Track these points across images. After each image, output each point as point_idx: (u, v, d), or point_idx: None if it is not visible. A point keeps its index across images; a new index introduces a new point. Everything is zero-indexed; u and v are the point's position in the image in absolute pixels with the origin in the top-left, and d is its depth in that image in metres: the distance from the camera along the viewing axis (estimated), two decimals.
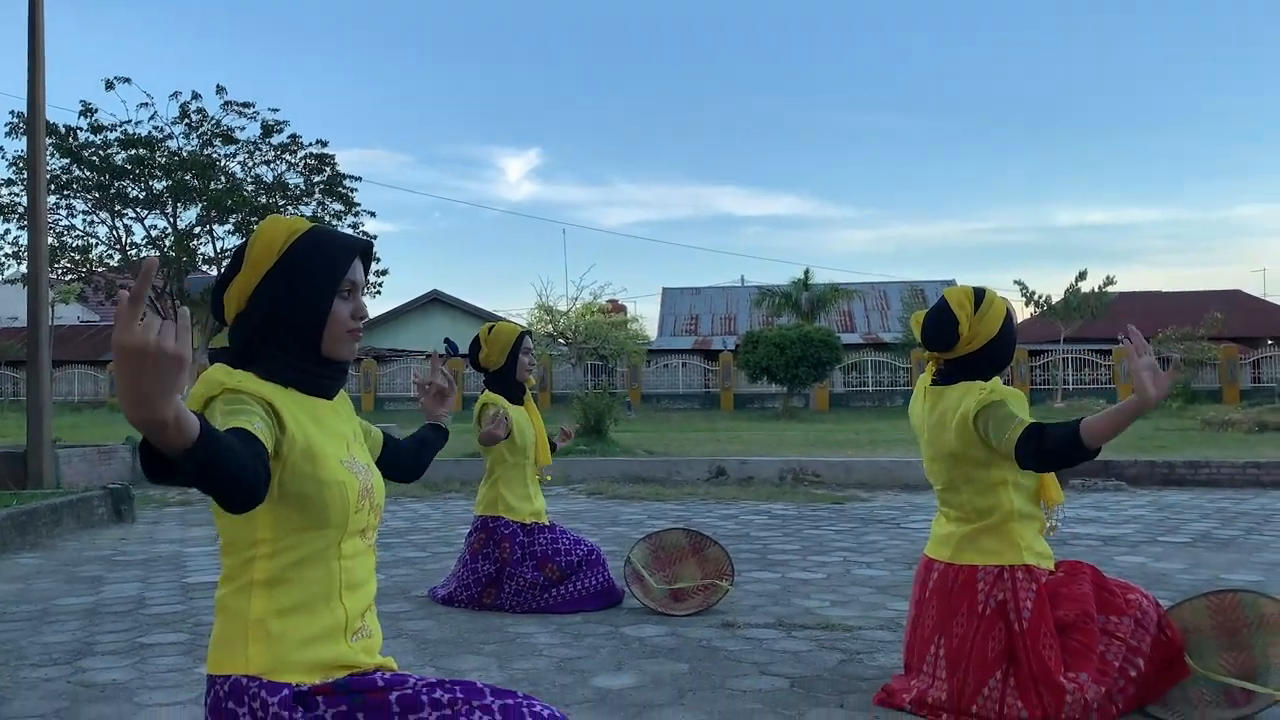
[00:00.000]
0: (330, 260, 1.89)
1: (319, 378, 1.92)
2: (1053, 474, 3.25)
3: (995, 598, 3.10)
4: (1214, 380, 29.61)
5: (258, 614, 1.79)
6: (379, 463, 2.23)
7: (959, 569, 3.19)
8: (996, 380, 3.17)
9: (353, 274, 1.92)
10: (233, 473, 1.50)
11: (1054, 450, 2.86)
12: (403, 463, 2.34)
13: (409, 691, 1.79)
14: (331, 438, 1.89)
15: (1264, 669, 3.13)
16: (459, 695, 1.80)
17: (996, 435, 3.02)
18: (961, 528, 3.23)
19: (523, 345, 4.99)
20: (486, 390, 4.99)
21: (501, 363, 4.95)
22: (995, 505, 3.16)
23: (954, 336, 3.21)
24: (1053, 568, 3.23)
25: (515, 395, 4.98)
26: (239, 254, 1.91)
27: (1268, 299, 41.41)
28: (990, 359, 3.21)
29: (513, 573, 4.77)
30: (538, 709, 1.80)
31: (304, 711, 1.75)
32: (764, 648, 4.05)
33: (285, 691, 1.75)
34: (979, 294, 3.25)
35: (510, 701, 1.80)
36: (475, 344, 5.02)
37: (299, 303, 1.86)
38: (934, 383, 3.32)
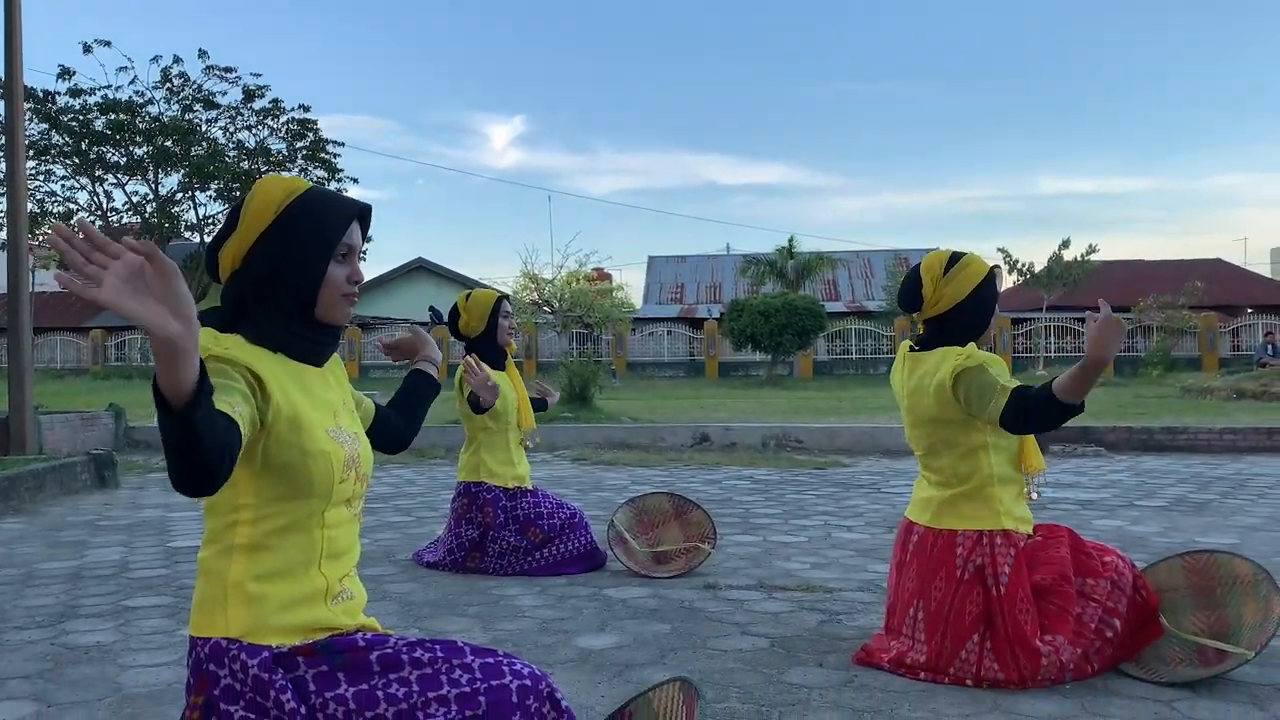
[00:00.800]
0: (328, 223, 1.86)
1: (311, 342, 1.90)
2: (1034, 439, 3.29)
3: (974, 562, 3.15)
4: (1194, 348, 29.83)
5: (237, 577, 1.79)
6: (369, 434, 2.22)
7: (938, 533, 3.23)
8: (972, 345, 3.19)
9: (349, 237, 1.89)
10: (203, 448, 1.44)
11: (1038, 412, 2.90)
12: (394, 427, 2.30)
13: (390, 651, 1.81)
14: (318, 406, 1.88)
15: (1236, 628, 3.19)
16: (440, 654, 1.82)
17: (980, 403, 3.05)
18: (942, 492, 3.27)
19: (501, 309, 4.99)
20: (467, 357, 4.99)
21: (481, 328, 4.95)
22: (975, 470, 3.20)
23: (917, 298, 3.26)
24: (1031, 531, 3.27)
25: (497, 361, 4.99)
26: (235, 212, 1.88)
27: (1248, 268, 41.65)
28: (962, 322, 3.22)
29: (496, 536, 4.80)
30: (518, 667, 1.81)
31: (284, 673, 1.76)
32: (745, 609, 4.09)
33: (265, 654, 1.75)
34: (955, 258, 3.27)
35: (491, 660, 1.82)
36: (454, 312, 5.02)
37: (294, 264, 1.84)
38: (912, 349, 3.35)
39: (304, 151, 27.85)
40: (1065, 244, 30.59)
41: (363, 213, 1.94)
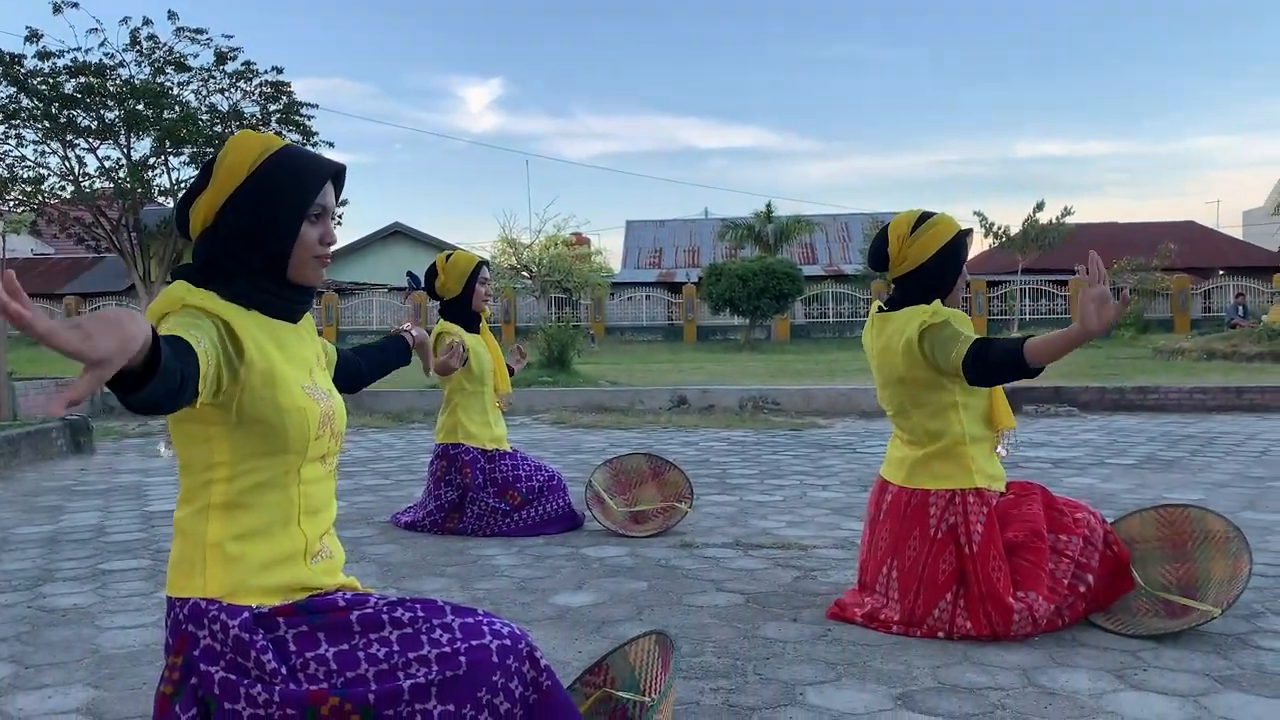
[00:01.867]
0: (301, 182, 1.84)
1: (284, 301, 1.88)
2: (1004, 398, 3.32)
3: (947, 521, 3.19)
4: (1166, 310, 30.10)
5: (215, 537, 1.79)
6: (334, 378, 2.24)
7: (912, 493, 3.27)
8: (937, 303, 3.21)
9: (323, 198, 1.87)
10: (169, 389, 1.48)
11: (999, 364, 2.93)
12: (354, 375, 2.35)
13: (370, 611, 1.81)
14: (294, 363, 1.87)
15: (1204, 583, 3.26)
16: (420, 614, 1.82)
17: (943, 354, 3.08)
18: (914, 451, 3.30)
19: (480, 275, 4.97)
20: (442, 319, 4.99)
21: (458, 291, 4.94)
22: (945, 428, 3.24)
23: (884, 256, 3.29)
24: (1004, 489, 3.32)
25: (471, 324, 4.99)
26: (207, 168, 1.86)
27: (1220, 230, 41.93)
28: (927, 281, 3.24)
29: (475, 498, 4.83)
30: (498, 626, 1.82)
31: (264, 633, 1.76)
32: (721, 566, 4.14)
33: (245, 614, 1.76)
34: (923, 217, 3.28)
35: (471, 620, 1.82)
36: (431, 271, 5.00)
37: (267, 224, 1.82)
38: (881, 310, 3.37)
39: (278, 115, 27.53)
40: (1040, 207, 30.68)
41: (337, 173, 1.92)
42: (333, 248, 1.93)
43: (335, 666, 1.75)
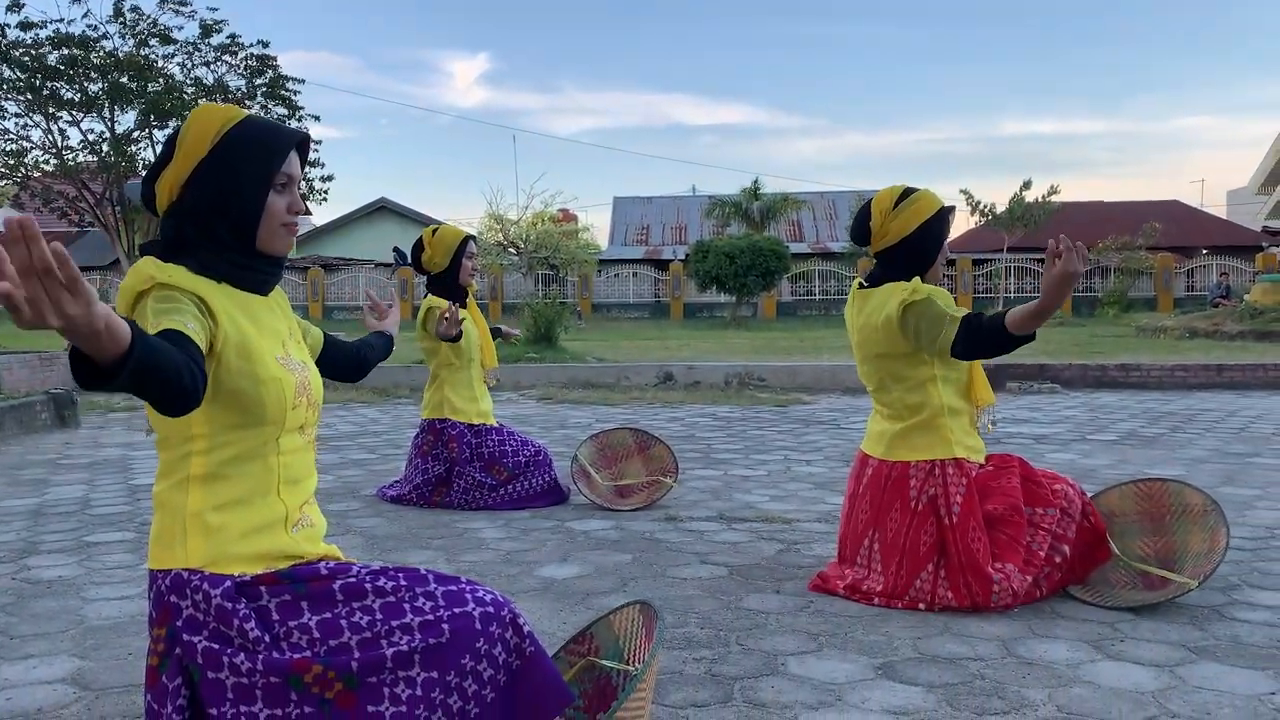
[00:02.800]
0: (266, 152, 1.84)
1: (253, 272, 1.88)
2: (983, 374, 3.35)
3: (927, 493, 3.22)
4: (1150, 289, 30.25)
5: (195, 508, 1.80)
6: (319, 362, 2.23)
7: (892, 465, 3.30)
8: (917, 280, 3.23)
9: (288, 167, 1.87)
10: (168, 378, 1.47)
11: (990, 341, 2.97)
12: (344, 363, 2.33)
13: (353, 580, 1.82)
14: (267, 335, 1.88)
15: (1182, 556, 3.30)
16: (403, 583, 1.83)
17: (930, 334, 3.10)
18: (894, 425, 3.33)
19: (466, 249, 4.97)
20: (429, 294, 4.98)
21: (445, 265, 4.93)
22: (925, 402, 3.26)
23: (866, 231, 3.31)
24: (983, 461, 3.35)
25: (458, 299, 4.98)
26: (170, 142, 1.85)
27: (1204, 209, 42.09)
28: (907, 256, 3.26)
29: (461, 472, 4.84)
30: (480, 594, 1.83)
31: (247, 602, 1.77)
32: (705, 539, 4.17)
33: (228, 583, 1.76)
34: (906, 193, 3.29)
35: (454, 587, 1.83)
36: (418, 245, 4.99)
37: (233, 195, 1.82)
38: (862, 286, 3.39)
39: (263, 89, 27.32)
40: (1027, 185, 30.74)
41: (301, 142, 1.92)
42: (301, 216, 1.93)
43: (318, 635, 1.76)
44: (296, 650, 1.74)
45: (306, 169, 1.99)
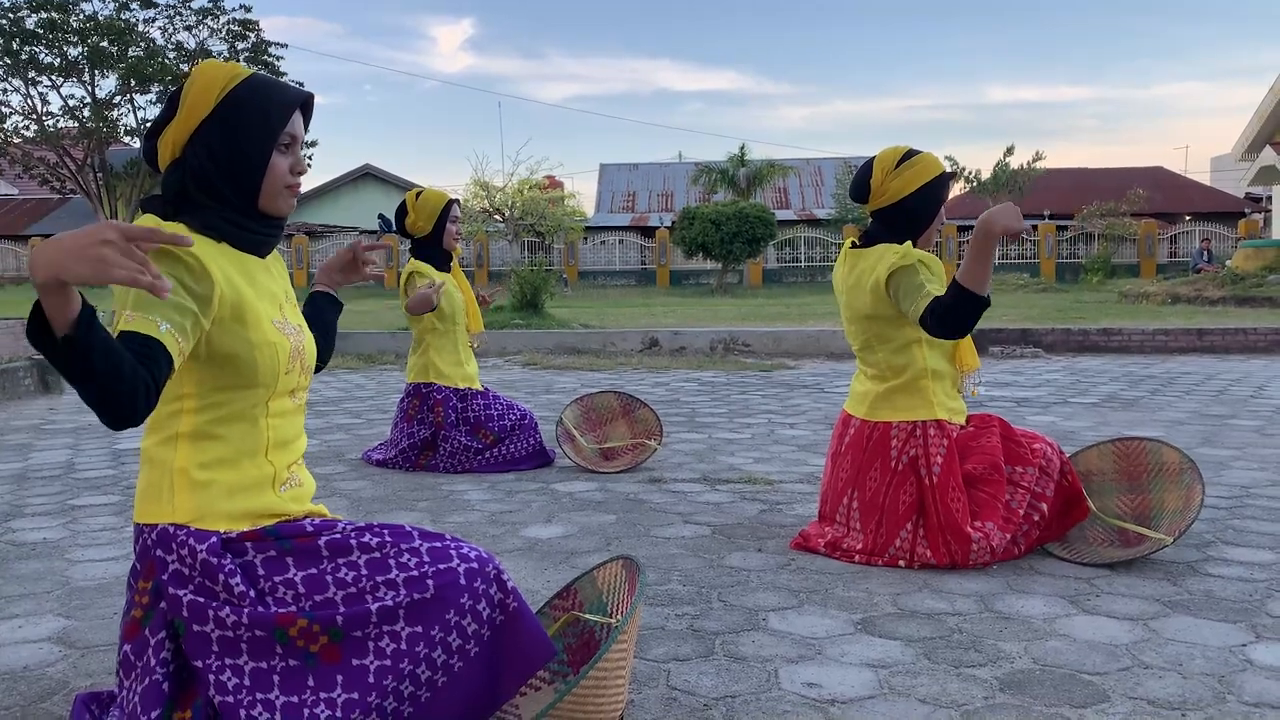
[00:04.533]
0: (269, 111, 1.83)
1: (253, 233, 1.88)
2: (969, 338, 3.37)
3: (908, 453, 3.25)
4: (1133, 255, 30.37)
5: (183, 464, 1.81)
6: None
7: (874, 425, 3.32)
8: (909, 245, 3.24)
9: (292, 127, 1.86)
10: (107, 376, 1.46)
11: (951, 310, 2.96)
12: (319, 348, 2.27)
13: (338, 536, 1.84)
14: (264, 298, 1.88)
15: (1157, 513, 3.35)
16: (388, 539, 1.85)
17: (906, 303, 3.13)
18: (877, 385, 3.36)
19: (450, 213, 4.95)
20: (413, 259, 4.97)
21: (429, 229, 4.92)
22: (909, 363, 3.29)
23: (866, 188, 3.31)
24: (964, 422, 3.38)
25: (442, 263, 4.98)
26: (174, 99, 1.84)
27: (1188, 176, 42.19)
28: (905, 217, 3.27)
29: (447, 436, 4.85)
30: (465, 550, 1.85)
31: (233, 557, 1.79)
32: (688, 500, 4.20)
33: (214, 539, 1.78)
34: (909, 154, 3.30)
35: (439, 544, 1.85)
36: (402, 209, 4.97)
37: (236, 153, 1.81)
38: (854, 246, 3.40)
39: (246, 54, 27.07)
40: (1010, 151, 30.75)
41: (305, 101, 1.91)
42: (303, 177, 1.92)
43: (303, 590, 1.78)
44: (281, 605, 1.76)
45: (310, 143, 1.97)
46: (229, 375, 1.81)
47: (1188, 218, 34.59)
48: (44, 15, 24.11)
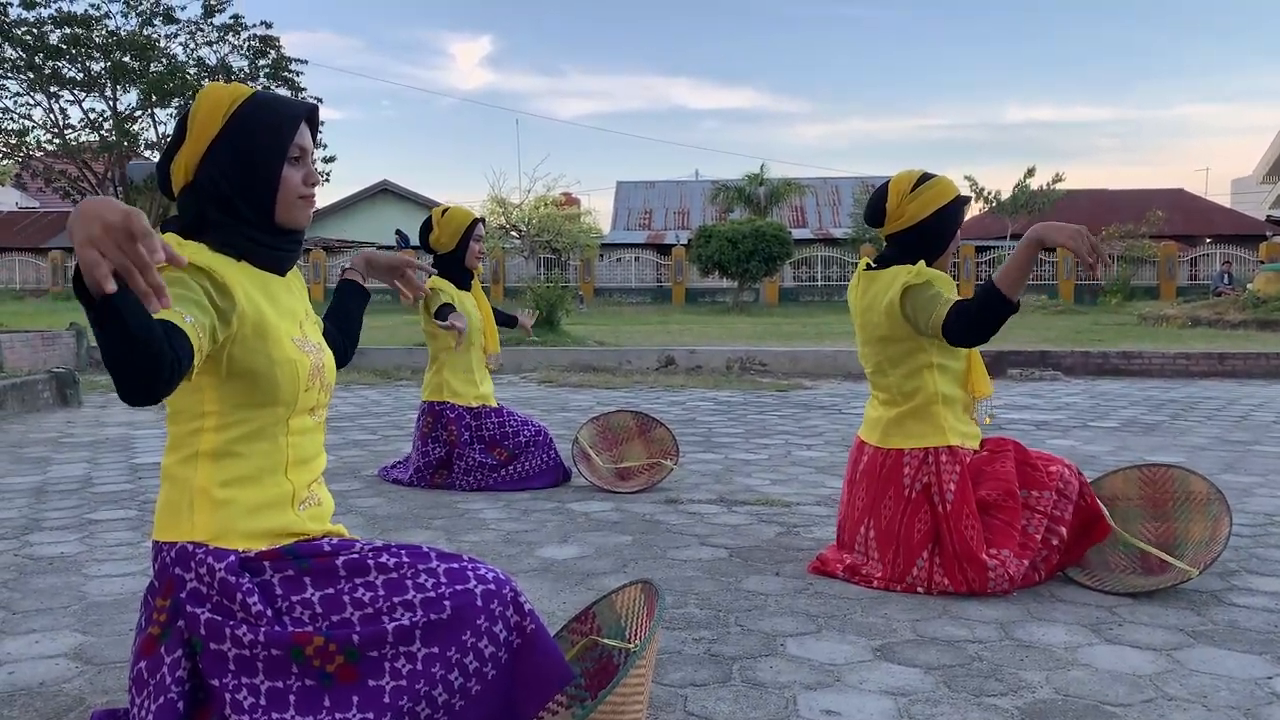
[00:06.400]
0: (276, 126, 1.85)
1: (272, 249, 1.89)
2: (981, 364, 3.34)
3: (921, 481, 3.22)
4: (1153, 277, 30.22)
5: (203, 483, 1.82)
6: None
7: (886, 453, 3.30)
8: (922, 264, 3.23)
9: (300, 139, 1.88)
10: (139, 342, 1.42)
11: (980, 311, 2.93)
12: (335, 343, 2.28)
13: (356, 556, 1.84)
14: (284, 315, 1.89)
15: (1182, 543, 3.30)
16: (405, 560, 1.85)
17: (924, 316, 3.10)
18: (889, 411, 3.33)
19: (475, 232, 4.96)
20: (433, 275, 4.96)
21: (452, 247, 4.93)
22: (920, 387, 3.26)
23: (881, 211, 3.30)
24: (978, 447, 3.35)
25: (462, 281, 4.98)
26: (181, 124, 1.87)
27: (1209, 198, 41.99)
28: (920, 240, 3.25)
29: (462, 454, 4.85)
30: (483, 571, 1.85)
31: (251, 576, 1.79)
32: (705, 521, 4.18)
33: (232, 557, 1.78)
34: (925, 177, 3.29)
35: (456, 565, 1.85)
36: (427, 225, 4.98)
37: (248, 170, 1.83)
38: (869, 268, 3.39)
39: (266, 69, 27.29)
40: (1031, 172, 30.70)
41: (310, 113, 1.93)
42: (316, 186, 1.93)
43: (320, 610, 1.78)
44: (298, 625, 1.76)
45: (319, 140, 1.99)
46: (250, 393, 1.82)
47: (1208, 240, 34.41)
48: (67, 31, 24.38)
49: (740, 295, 27.77)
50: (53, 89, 25.74)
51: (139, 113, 26.47)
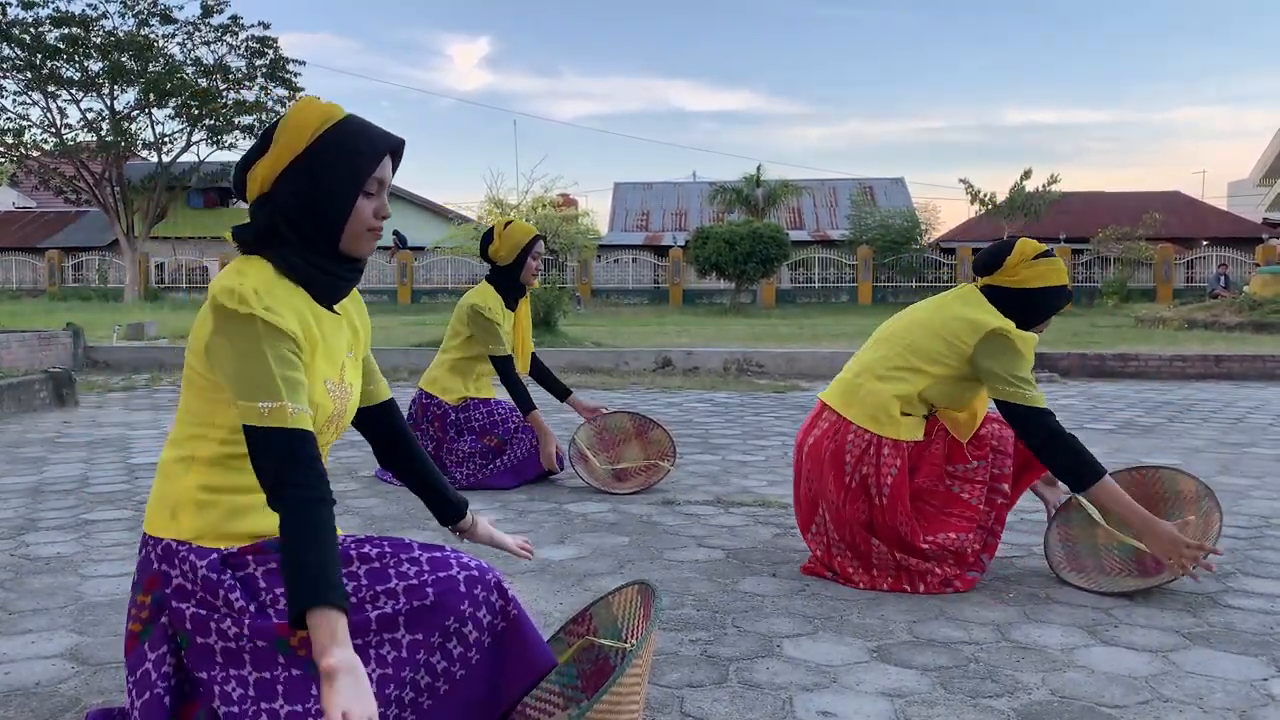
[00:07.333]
0: (359, 155, 1.83)
1: (333, 276, 1.88)
2: (977, 421, 3.38)
3: (860, 471, 3.25)
4: (1149, 279, 30.28)
5: (193, 484, 1.84)
6: (365, 427, 2.19)
7: (838, 424, 3.32)
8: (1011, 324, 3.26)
9: (380, 171, 1.86)
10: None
11: (1069, 456, 3.14)
12: (380, 439, 2.22)
13: (338, 548, 1.85)
14: (329, 356, 1.89)
15: None
16: (387, 550, 1.89)
17: (999, 364, 3.15)
18: (860, 378, 3.37)
19: (534, 248, 4.97)
20: (485, 281, 4.99)
21: (510, 261, 4.94)
22: (901, 390, 3.28)
23: (1000, 261, 3.30)
24: (920, 438, 3.36)
25: (515, 295, 5.00)
26: (267, 134, 1.86)
27: (1205, 201, 42.07)
28: (1020, 306, 3.27)
29: (451, 448, 4.88)
30: (464, 559, 1.88)
31: (232, 572, 1.81)
32: (702, 523, 4.18)
33: (214, 555, 1.81)
34: (1048, 253, 3.33)
35: (439, 554, 1.88)
36: (488, 236, 4.99)
37: (322, 195, 1.82)
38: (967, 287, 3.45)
39: (264, 69, 27.28)
40: (1027, 175, 30.72)
41: (395, 147, 1.91)
42: (386, 220, 1.92)
43: None
44: (282, 617, 1.78)
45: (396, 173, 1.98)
46: None
47: (1204, 243, 34.47)
48: (65, 31, 24.37)
49: (737, 296, 27.79)
50: (50, 88, 25.75)
51: (136, 113, 26.46)
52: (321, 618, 1.56)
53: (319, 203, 1.82)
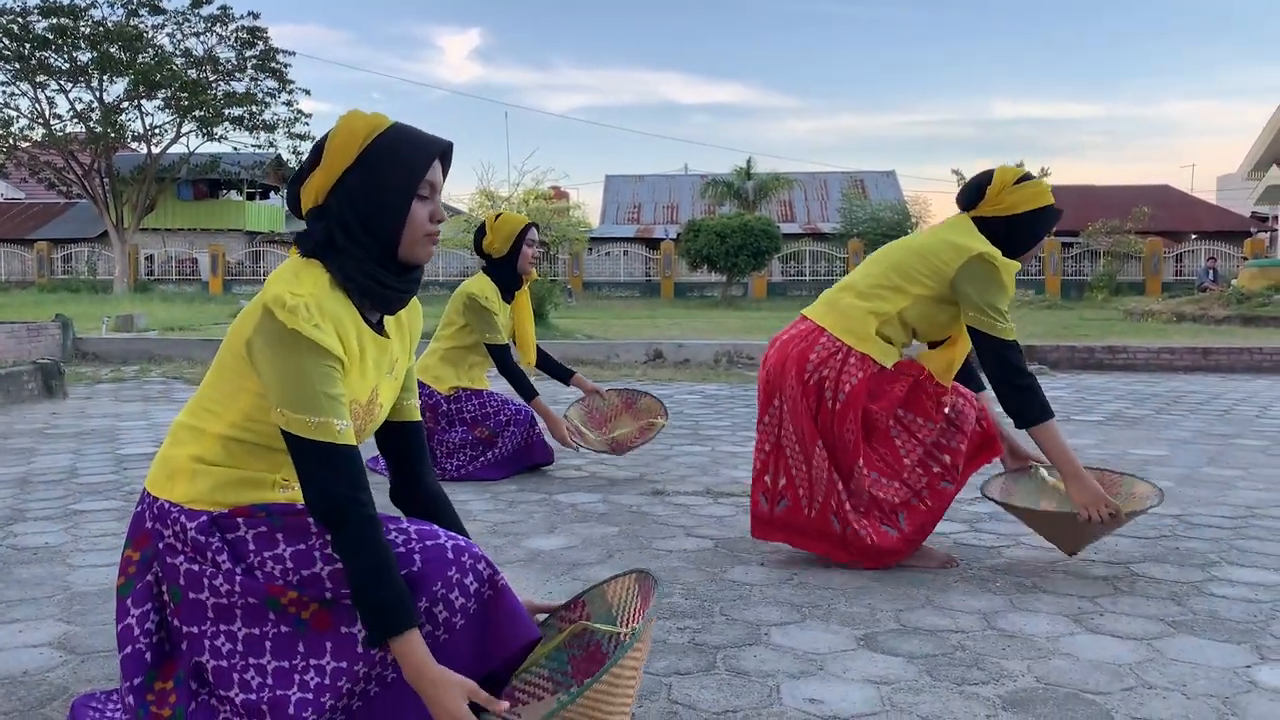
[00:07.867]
0: (410, 161, 1.85)
1: (390, 288, 1.89)
2: (961, 360, 3.38)
3: (821, 372, 3.27)
4: (1138, 273, 30.39)
5: (197, 454, 1.90)
6: (385, 442, 2.13)
7: (812, 328, 3.35)
8: (998, 252, 3.25)
9: (432, 175, 1.88)
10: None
11: (1021, 393, 3.19)
12: (397, 458, 2.13)
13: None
14: (365, 376, 1.90)
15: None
16: None
17: (975, 291, 3.16)
18: (841, 293, 3.41)
19: (528, 236, 4.97)
20: (482, 273, 4.99)
21: (504, 251, 4.94)
22: (880, 308, 3.30)
23: (981, 192, 3.29)
24: (889, 365, 3.37)
25: (513, 286, 5.00)
26: (318, 148, 1.88)
27: (1194, 195, 42.19)
28: (1007, 233, 3.27)
29: (442, 439, 4.88)
30: (451, 533, 1.92)
31: (221, 534, 1.86)
32: (691, 513, 4.20)
33: (203, 518, 1.86)
34: (1028, 176, 3.32)
35: (426, 526, 1.92)
36: (481, 230, 5.00)
37: (377, 202, 1.84)
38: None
39: (254, 61, 27.18)
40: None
41: (444, 150, 1.93)
42: (442, 223, 1.94)
43: (291, 565, 1.84)
44: (270, 580, 1.83)
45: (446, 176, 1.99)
46: (276, 427, 1.85)
47: (1194, 236, 34.59)
48: (54, 21, 24.25)
49: (728, 289, 27.81)
50: (39, 79, 25.61)
51: (126, 104, 26.34)
52: (407, 643, 1.70)
53: (374, 210, 1.84)
